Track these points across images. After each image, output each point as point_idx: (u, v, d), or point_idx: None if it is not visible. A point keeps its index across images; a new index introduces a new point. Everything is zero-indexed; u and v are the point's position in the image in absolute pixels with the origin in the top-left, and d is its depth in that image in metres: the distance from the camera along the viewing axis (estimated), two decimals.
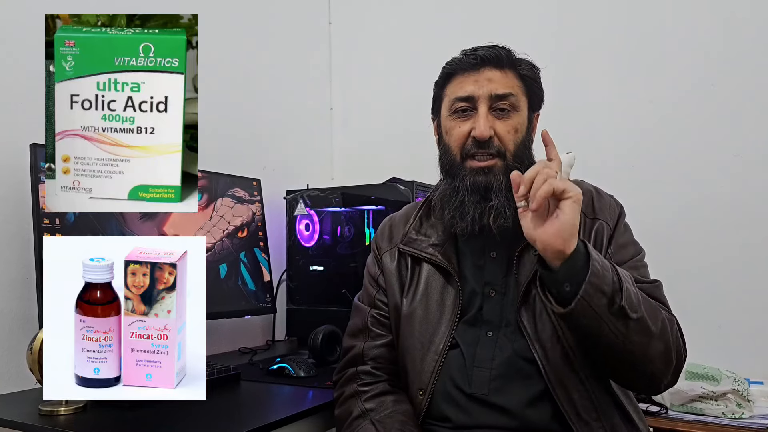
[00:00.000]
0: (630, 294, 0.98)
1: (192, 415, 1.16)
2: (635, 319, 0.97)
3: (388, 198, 1.87)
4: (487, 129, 1.14)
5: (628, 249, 1.16)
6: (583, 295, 0.94)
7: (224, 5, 2.07)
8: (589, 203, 1.18)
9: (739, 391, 1.62)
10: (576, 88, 2.08)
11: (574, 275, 0.96)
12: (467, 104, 1.17)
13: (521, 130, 1.17)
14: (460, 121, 1.18)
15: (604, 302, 0.95)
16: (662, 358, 1.03)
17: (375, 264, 1.31)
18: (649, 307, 1.02)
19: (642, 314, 0.99)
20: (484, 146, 1.15)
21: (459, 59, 1.20)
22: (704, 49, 1.92)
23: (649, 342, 1.00)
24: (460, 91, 1.17)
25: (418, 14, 2.42)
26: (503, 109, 1.16)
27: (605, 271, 0.96)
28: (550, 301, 0.99)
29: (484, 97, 1.15)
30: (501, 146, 1.15)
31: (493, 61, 1.17)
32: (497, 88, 1.15)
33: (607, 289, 0.95)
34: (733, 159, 1.87)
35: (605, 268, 0.97)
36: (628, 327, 0.97)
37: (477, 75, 1.16)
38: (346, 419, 1.17)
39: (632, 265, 1.13)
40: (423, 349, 1.16)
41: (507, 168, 1.13)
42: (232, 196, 1.75)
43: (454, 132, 1.18)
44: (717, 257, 1.88)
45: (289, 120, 2.33)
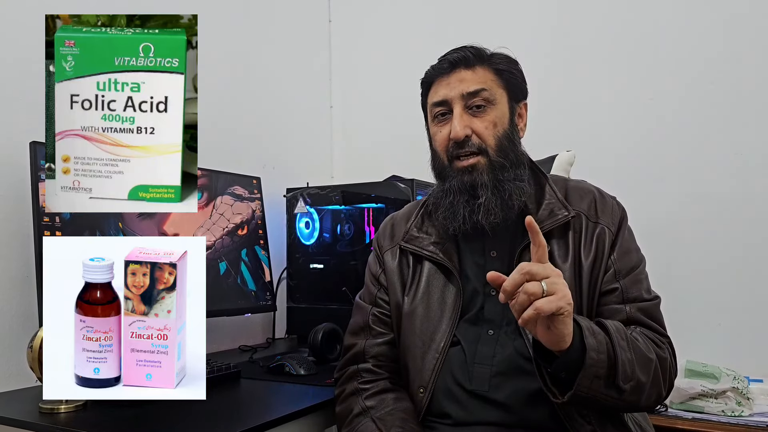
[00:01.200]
0: (625, 365, 0.98)
1: (192, 413, 1.16)
2: (629, 388, 0.99)
3: (388, 196, 1.87)
4: (462, 129, 1.16)
5: (631, 256, 1.16)
6: (578, 389, 0.96)
7: (224, 5, 2.07)
8: (592, 206, 1.19)
9: (738, 389, 1.62)
10: (576, 87, 2.08)
11: (569, 364, 0.97)
12: (443, 108, 1.19)
13: (501, 123, 1.18)
14: (440, 126, 1.21)
15: (601, 383, 0.97)
16: (653, 399, 1.06)
17: (376, 262, 1.31)
18: (642, 359, 1.02)
19: (636, 380, 1.00)
20: (463, 146, 1.17)
21: (433, 67, 1.23)
22: (704, 48, 1.92)
23: (641, 395, 1.03)
24: (435, 96, 1.21)
25: (417, 13, 2.41)
26: (479, 105, 1.17)
27: (601, 354, 0.97)
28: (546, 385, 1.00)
29: (456, 98, 1.17)
30: (481, 143, 1.16)
31: (463, 62, 1.19)
32: (468, 87, 1.17)
33: (603, 372, 0.97)
34: (734, 158, 1.87)
35: (600, 350, 0.97)
36: (622, 394, 0.99)
37: (449, 78, 1.19)
38: (347, 416, 1.18)
39: (634, 279, 1.14)
40: (424, 346, 1.17)
41: (491, 163, 1.16)
42: (232, 193, 1.75)
43: (437, 137, 1.21)
44: (717, 256, 1.88)
45: (289, 118, 2.33)
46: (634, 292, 1.12)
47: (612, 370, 0.97)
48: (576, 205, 1.18)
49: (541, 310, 0.89)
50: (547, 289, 0.89)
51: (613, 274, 1.13)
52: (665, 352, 1.08)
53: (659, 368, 1.05)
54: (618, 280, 1.13)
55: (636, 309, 1.11)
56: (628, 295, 1.12)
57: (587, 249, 1.14)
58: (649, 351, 1.04)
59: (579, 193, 1.21)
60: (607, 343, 0.98)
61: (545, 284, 0.90)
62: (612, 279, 1.13)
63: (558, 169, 1.63)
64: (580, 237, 1.15)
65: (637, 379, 1.00)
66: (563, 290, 0.91)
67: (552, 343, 0.95)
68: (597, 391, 0.97)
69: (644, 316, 1.11)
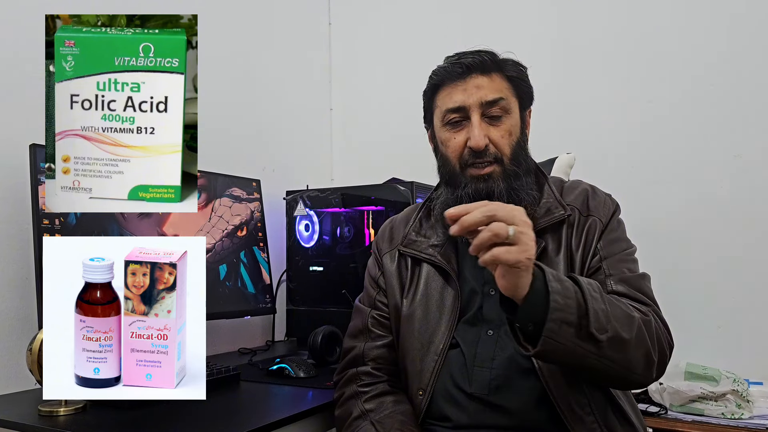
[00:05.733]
0: (598, 314, 0.94)
1: (192, 415, 1.16)
2: (606, 339, 0.94)
3: (388, 198, 1.87)
4: (482, 138, 1.14)
5: (619, 244, 1.16)
6: (547, 334, 0.91)
7: (224, 5, 2.07)
8: (584, 202, 1.19)
9: (738, 391, 1.62)
10: (576, 88, 2.09)
11: (535, 314, 0.92)
12: (459, 115, 1.17)
13: (515, 132, 1.18)
14: (454, 132, 1.18)
15: (572, 332, 0.92)
16: (642, 363, 1.01)
17: (375, 265, 1.31)
18: (622, 315, 0.98)
19: (613, 331, 0.95)
20: (481, 155, 1.15)
21: (445, 68, 1.19)
22: (703, 50, 1.92)
23: (626, 353, 0.98)
24: (450, 102, 1.17)
25: (417, 15, 2.42)
26: (495, 116, 1.16)
27: (568, 299, 0.92)
28: (519, 340, 0.96)
29: (475, 106, 1.15)
30: (497, 152, 1.15)
31: (479, 67, 1.16)
32: (487, 95, 1.15)
33: (572, 318, 0.92)
34: (733, 159, 1.87)
35: (567, 295, 0.92)
36: (600, 347, 0.95)
37: (465, 84, 1.16)
38: (346, 420, 1.17)
39: (621, 258, 1.13)
40: (423, 349, 1.17)
41: (505, 172, 1.15)
42: (230, 195, 1.75)
43: (450, 143, 1.19)
44: (716, 257, 1.88)
45: (289, 120, 2.33)
46: (617, 268, 1.10)
47: (584, 319, 0.92)
48: (570, 201, 1.19)
49: (498, 259, 0.86)
50: (512, 236, 0.85)
51: (599, 259, 1.13)
52: (649, 316, 1.04)
53: (644, 329, 1.00)
54: (602, 260, 1.12)
55: (618, 280, 1.09)
56: (611, 270, 1.10)
57: (578, 240, 1.14)
58: (629, 309, 1.01)
59: (573, 191, 1.22)
60: (576, 291, 0.94)
61: (512, 230, 0.86)
62: (597, 262, 1.12)
63: (558, 172, 1.63)
64: (572, 231, 1.16)
65: (616, 331, 0.95)
66: (527, 243, 0.87)
67: (507, 290, 0.91)
68: (568, 339, 0.92)
69: (628, 287, 1.08)
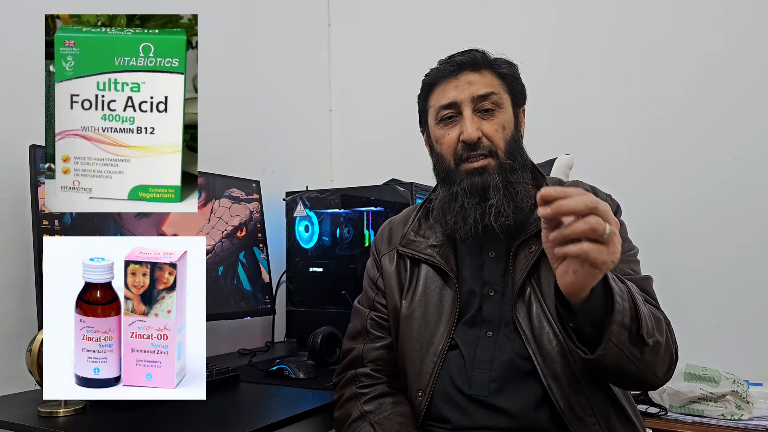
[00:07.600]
0: (645, 317, 0.94)
1: (191, 416, 1.16)
2: (652, 344, 0.95)
3: (388, 199, 1.87)
4: (475, 131, 1.15)
5: (622, 245, 1.15)
6: (610, 338, 0.90)
7: (224, 5, 2.07)
8: None
9: (738, 392, 1.62)
10: (575, 89, 2.09)
11: (594, 315, 0.91)
12: (452, 111, 1.18)
13: (508, 126, 1.18)
14: (447, 128, 1.19)
15: (626, 335, 0.92)
16: (666, 366, 1.03)
17: (374, 267, 1.31)
18: (653, 315, 1.00)
19: (657, 335, 0.96)
20: (474, 148, 1.15)
21: (437, 69, 1.21)
22: (702, 51, 1.92)
23: (657, 356, 0.99)
24: (442, 99, 1.19)
25: (416, 17, 2.42)
26: (487, 109, 1.17)
27: (625, 302, 0.91)
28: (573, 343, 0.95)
29: (466, 101, 1.16)
30: (491, 145, 1.16)
31: (470, 64, 1.18)
32: (478, 89, 1.16)
33: (627, 321, 0.91)
34: (733, 160, 1.87)
35: (624, 297, 0.91)
36: (643, 352, 0.95)
37: (456, 80, 1.18)
38: (346, 421, 1.17)
39: (624, 259, 1.12)
40: (422, 350, 1.16)
41: (500, 166, 1.15)
42: (230, 196, 1.74)
43: (444, 140, 1.19)
44: (716, 258, 1.88)
45: (288, 121, 2.33)
46: (621, 269, 1.10)
47: (635, 321, 0.92)
48: None
49: (587, 256, 0.80)
50: (607, 234, 0.80)
51: None
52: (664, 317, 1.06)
53: (667, 331, 1.02)
54: None
55: None
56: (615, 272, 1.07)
57: None
58: (656, 312, 1.02)
59: None
60: (629, 292, 0.94)
61: (608, 228, 0.80)
62: None
63: (557, 172, 1.63)
64: None
65: (656, 336, 0.96)
66: (617, 245, 0.82)
67: (573, 287, 0.87)
68: (624, 345, 0.91)
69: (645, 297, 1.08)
